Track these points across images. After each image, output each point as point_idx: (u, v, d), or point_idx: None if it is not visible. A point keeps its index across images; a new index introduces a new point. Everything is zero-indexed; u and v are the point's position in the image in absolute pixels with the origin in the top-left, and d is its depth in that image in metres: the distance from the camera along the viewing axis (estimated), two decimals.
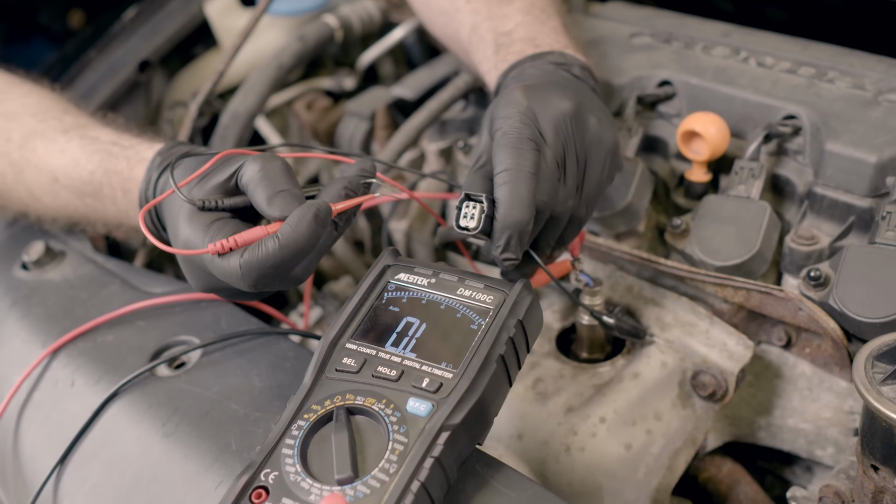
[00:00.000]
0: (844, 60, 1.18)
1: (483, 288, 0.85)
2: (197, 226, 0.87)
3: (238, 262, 0.83)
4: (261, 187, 0.86)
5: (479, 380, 0.78)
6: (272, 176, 0.86)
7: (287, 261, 0.83)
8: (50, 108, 1.13)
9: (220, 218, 0.88)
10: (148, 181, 0.98)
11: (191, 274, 0.92)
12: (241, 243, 0.83)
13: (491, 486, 0.78)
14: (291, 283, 0.88)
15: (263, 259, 0.82)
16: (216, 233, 0.86)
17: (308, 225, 0.82)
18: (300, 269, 0.86)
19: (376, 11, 1.63)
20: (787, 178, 1.11)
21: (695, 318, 1.06)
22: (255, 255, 0.82)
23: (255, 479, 0.75)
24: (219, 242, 0.83)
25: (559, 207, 0.91)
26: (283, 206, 0.84)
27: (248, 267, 0.83)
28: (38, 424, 0.99)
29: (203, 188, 0.89)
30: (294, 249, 0.82)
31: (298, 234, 0.82)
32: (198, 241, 0.86)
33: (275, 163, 0.88)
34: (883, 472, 0.83)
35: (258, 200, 0.86)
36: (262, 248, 0.82)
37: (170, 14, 1.54)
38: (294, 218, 0.82)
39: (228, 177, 0.89)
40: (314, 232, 0.82)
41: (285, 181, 0.86)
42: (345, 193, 0.87)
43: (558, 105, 0.92)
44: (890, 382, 0.79)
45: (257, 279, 0.84)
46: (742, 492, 1.08)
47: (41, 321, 1.08)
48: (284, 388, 0.92)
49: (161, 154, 0.99)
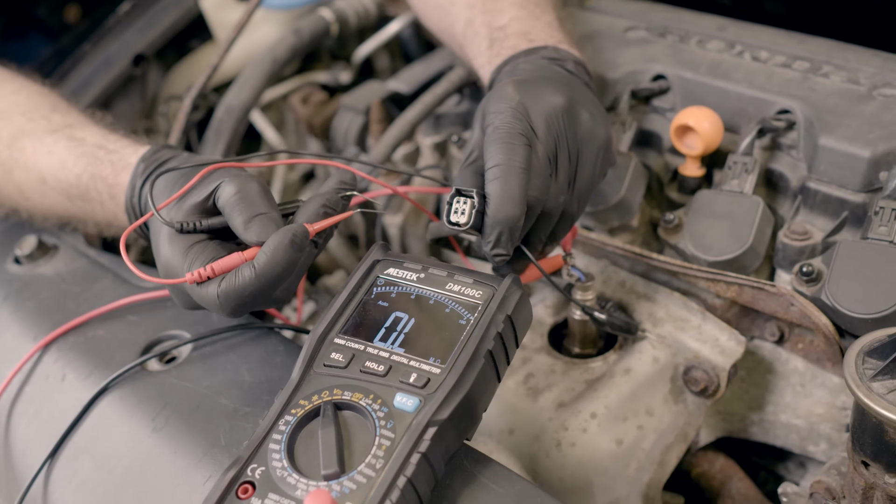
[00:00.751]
0: (839, 55, 1.18)
1: (472, 283, 0.85)
2: (176, 248, 0.87)
3: (216, 291, 0.83)
4: (237, 211, 0.86)
5: (467, 375, 0.78)
6: (248, 199, 0.86)
7: (264, 288, 0.83)
8: (39, 106, 1.13)
9: (199, 241, 0.88)
10: (133, 188, 0.98)
11: (174, 295, 0.92)
12: (218, 271, 0.84)
13: (479, 482, 0.78)
14: (273, 305, 0.89)
15: (240, 288, 0.83)
16: (195, 257, 0.86)
17: (284, 252, 0.82)
18: (281, 292, 0.86)
19: (372, 5, 1.63)
20: (781, 173, 1.11)
21: (687, 314, 1.06)
22: (231, 284, 0.83)
23: (242, 475, 0.75)
24: (196, 272, 0.84)
25: (551, 203, 0.91)
26: (259, 231, 0.85)
27: (226, 296, 0.83)
28: (28, 418, 0.99)
29: (181, 208, 0.89)
30: (271, 277, 0.82)
31: (275, 262, 0.82)
32: (177, 264, 0.87)
33: (251, 185, 0.87)
34: (873, 469, 0.83)
35: (235, 224, 0.86)
36: (239, 277, 0.83)
37: (165, 8, 1.54)
38: (270, 246, 0.82)
39: (206, 196, 0.89)
40: (290, 258, 0.82)
41: (262, 204, 0.86)
42: (323, 212, 0.87)
43: (550, 100, 0.92)
44: (881, 378, 0.79)
45: (236, 307, 0.84)
46: (734, 487, 1.08)
47: (33, 315, 1.08)
48: (274, 383, 0.91)
49: (144, 160, 0.99)
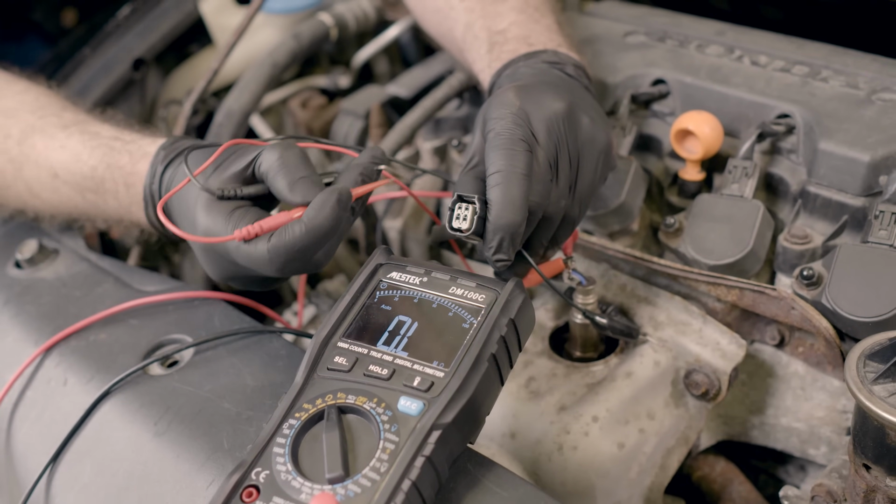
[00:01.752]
0: (838, 59, 1.18)
1: (475, 287, 0.86)
2: (217, 215, 0.88)
3: (265, 247, 0.85)
4: (281, 174, 0.88)
5: (471, 379, 0.78)
6: (291, 163, 0.88)
7: (312, 245, 0.85)
8: (48, 105, 1.14)
9: (239, 206, 0.89)
10: (153, 175, 0.99)
11: (211, 262, 0.93)
12: (266, 229, 0.86)
13: (482, 486, 0.78)
14: (313, 268, 0.90)
15: (290, 243, 0.84)
16: (239, 220, 0.87)
17: (331, 209, 0.84)
18: (322, 254, 0.88)
19: (371, 9, 1.63)
20: (781, 177, 1.11)
21: (688, 317, 1.06)
22: (282, 239, 0.84)
23: (246, 478, 0.75)
24: (245, 229, 0.85)
25: (552, 208, 0.91)
26: (304, 191, 0.87)
27: (276, 251, 0.85)
28: (30, 423, 0.99)
29: (219, 178, 0.91)
30: (319, 233, 0.84)
31: (323, 217, 0.84)
32: (220, 230, 0.88)
33: (292, 151, 0.90)
34: (875, 472, 0.83)
35: (279, 187, 0.88)
36: (289, 233, 0.84)
37: (164, 12, 1.54)
38: (318, 202, 0.84)
39: (245, 166, 0.91)
40: (337, 216, 0.84)
41: (304, 168, 0.89)
42: (361, 179, 0.89)
43: (551, 105, 0.92)
44: (882, 381, 0.79)
45: (284, 263, 0.86)
46: (735, 491, 1.08)
47: (34, 319, 1.07)
48: (277, 387, 0.91)
49: (165, 148, 1.00)
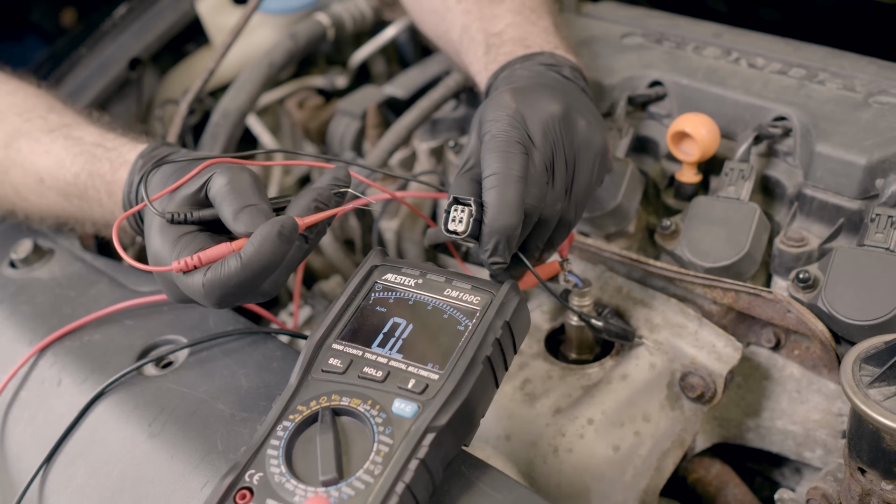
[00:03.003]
0: (835, 62, 1.18)
1: (470, 289, 0.85)
2: (166, 239, 0.86)
3: (201, 280, 0.82)
4: (227, 201, 0.85)
5: (465, 381, 0.78)
6: (239, 189, 0.85)
7: (250, 279, 0.82)
8: (35, 107, 1.13)
9: (188, 231, 0.87)
10: (130, 184, 0.97)
11: (163, 286, 0.91)
12: (205, 261, 0.83)
13: (477, 488, 0.78)
14: (260, 298, 0.87)
15: (226, 278, 0.82)
16: (183, 248, 0.85)
17: (272, 243, 0.81)
18: (268, 285, 0.85)
19: (368, 10, 1.63)
20: (777, 180, 1.11)
21: (684, 320, 1.06)
22: (217, 274, 0.82)
23: (240, 480, 0.75)
24: (183, 260, 0.83)
25: (548, 210, 0.91)
26: (248, 221, 0.83)
27: (211, 286, 0.82)
28: (24, 423, 0.98)
29: (173, 199, 0.89)
30: (257, 269, 0.81)
31: (262, 253, 0.81)
32: (166, 255, 0.86)
33: (243, 175, 0.87)
34: (870, 475, 0.83)
35: (224, 215, 0.85)
36: (225, 268, 0.82)
37: (161, 11, 1.54)
38: (258, 236, 0.81)
39: (198, 188, 0.88)
40: (278, 250, 0.81)
41: (252, 195, 0.85)
42: (314, 206, 0.85)
43: (547, 107, 0.92)
44: (877, 385, 0.79)
45: (221, 298, 0.83)
46: (730, 493, 1.08)
47: (28, 320, 1.07)
48: (271, 388, 0.91)
49: (143, 157, 0.98)
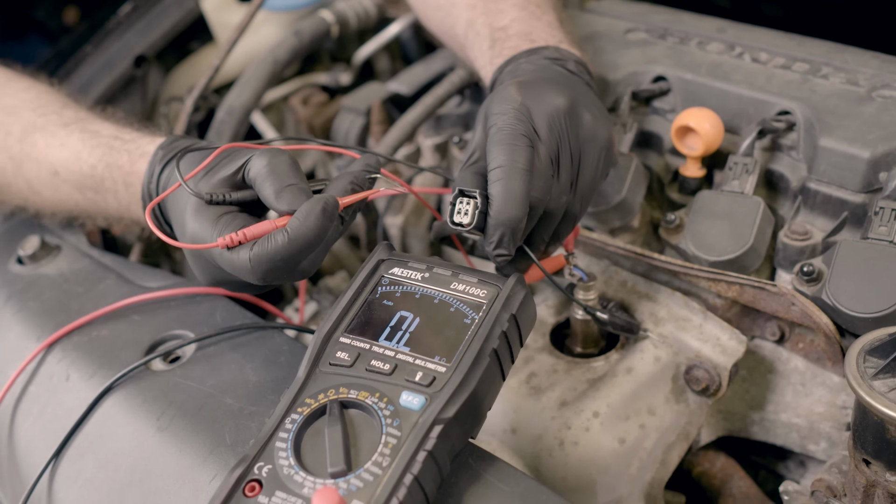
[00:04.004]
0: (838, 56, 1.19)
1: (476, 282, 0.86)
2: (205, 220, 0.88)
3: (248, 255, 0.84)
4: (268, 181, 0.87)
5: (472, 374, 0.78)
6: (279, 170, 0.87)
7: (296, 254, 0.84)
8: (49, 103, 1.14)
9: (227, 212, 0.89)
10: (151, 175, 0.98)
11: (199, 267, 0.93)
12: (250, 237, 0.85)
13: (484, 480, 0.78)
14: (298, 277, 0.89)
15: (273, 252, 0.83)
16: (225, 226, 0.86)
17: (316, 218, 0.83)
18: (308, 263, 0.87)
19: (372, 6, 1.63)
20: (781, 174, 1.11)
21: (688, 313, 1.06)
22: (264, 248, 0.83)
23: (249, 473, 0.75)
24: (228, 236, 0.84)
25: (553, 204, 0.91)
26: (291, 200, 0.85)
27: (258, 260, 0.84)
28: (33, 418, 0.99)
29: (209, 182, 0.90)
30: (303, 243, 0.83)
31: (307, 227, 0.83)
32: (206, 235, 0.87)
33: (282, 157, 0.88)
34: (874, 467, 0.83)
35: (266, 194, 0.87)
36: (272, 242, 0.83)
37: (166, 9, 1.54)
38: (303, 212, 0.83)
39: (235, 171, 0.90)
40: (322, 225, 0.83)
41: (293, 175, 0.87)
42: (351, 188, 0.88)
43: (552, 101, 0.92)
44: (882, 377, 0.79)
45: (266, 272, 0.85)
46: (735, 486, 1.08)
47: (36, 315, 1.08)
48: (279, 382, 0.92)
49: (163, 148, 1.00)
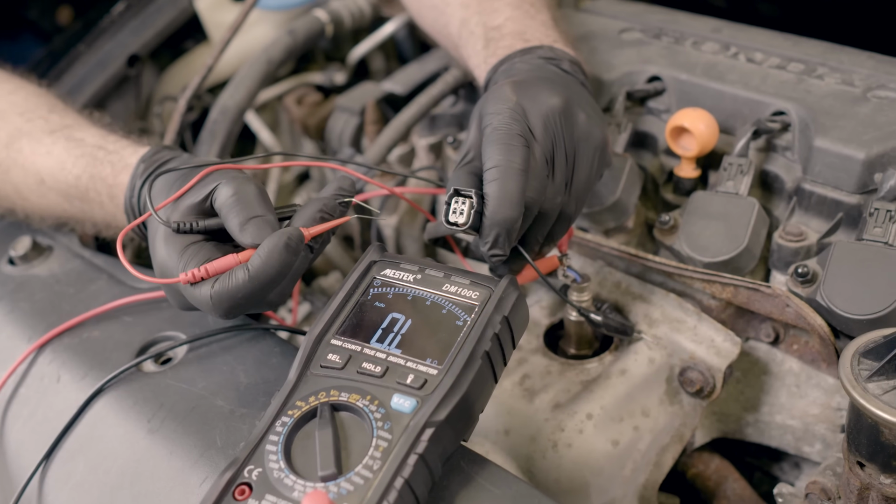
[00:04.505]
0: (834, 56, 1.18)
1: (469, 284, 0.85)
2: (172, 249, 0.87)
3: (209, 291, 0.83)
4: (233, 212, 0.86)
5: (464, 376, 0.78)
6: (245, 200, 0.86)
7: (258, 291, 0.83)
8: (37, 107, 1.13)
9: (195, 241, 0.88)
10: (132, 189, 0.98)
11: (169, 295, 0.92)
12: (212, 272, 0.84)
13: (476, 483, 0.78)
14: (267, 308, 0.88)
15: (234, 290, 0.82)
16: (190, 258, 0.86)
17: (279, 255, 0.82)
18: (275, 296, 0.86)
19: (367, 6, 1.63)
20: (776, 175, 1.11)
21: (683, 315, 1.06)
22: (225, 285, 0.83)
23: (239, 476, 0.75)
24: (190, 272, 0.84)
25: (548, 204, 0.91)
26: (255, 233, 0.84)
27: (219, 297, 0.83)
28: (23, 420, 0.98)
29: (178, 208, 0.89)
30: (264, 280, 0.82)
31: (269, 265, 0.81)
32: (172, 265, 0.87)
33: (248, 186, 0.87)
34: (869, 469, 0.83)
35: (231, 226, 0.86)
36: (233, 279, 0.82)
37: (159, 8, 1.53)
38: (265, 248, 0.82)
39: (203, 198, 0.89)
40: (285, 261, 0.82)
41: (259, 206, 0.86)
42: (320, 217, 0.87)
43: (547, 101, 0.92)
44: (876, 379, 0.79)
45: (228, 309, 0.84)
46: (730, 488, 1.08)
47: (27, 316, 1.07)
48: (270, 384, 0.91)
49: (144, 161, 0.99)
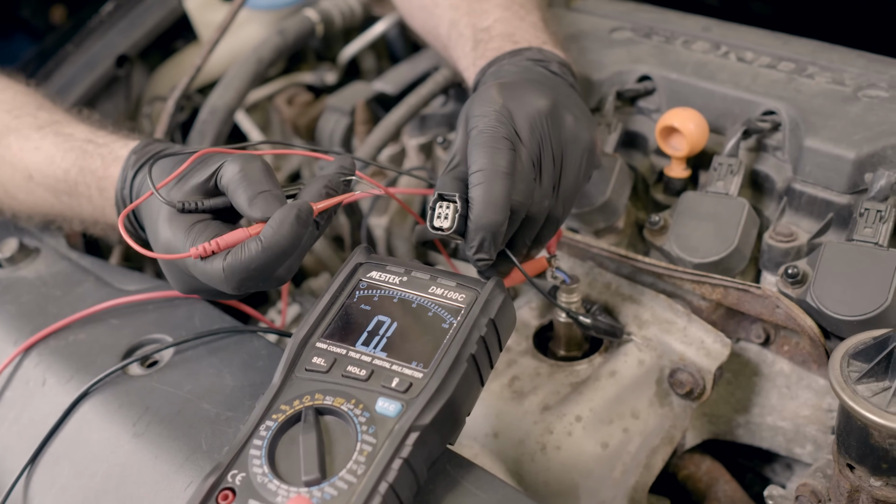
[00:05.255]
0: (824, 55, 1.18)
1: (455, 286, 0.85)
2: (178, 228, 0.86)
3: (221, 265, 0.83)
4: (241, 188, 0.85)
5: (450, 380, 0.77)
6: (252, 176, 0.86)
7: (270, 263, 0.82)
8: (25, 104, 1.12)
9: (200, 220, 0.87)
10: (124, 180, 0.97)
11: (172, 276, 0.91)
12: (223, 246, 0.83)
13: (462, 487, 0.77)
14: (275, 284, 0.87)
15: (247, 262, 0.82)
16: (198, 235, 0.85)
17: (290, 226, 0.81)
18: (283, 270, 0.85)
19: (357, 5, 1.62)
20: (766, 175, 1.10)
21: (672, 316, 1.05)
22: (238, 257, 0.82)
23: (222, 481, 0.74)
24: (201, 246, 0.83)
25: (535, 207, 0.90)
26: (264, 207, 0.84)
27: (232, 270, 0.82)
28: (8, 423, 0.98)
29: (182, 189, 0.89)
30: (277, 251, 0.82)
31: (281, 235, 0.81)
32: (179, 244, 0.86)
33: (255, 163, 0.87)
34: (858, 472, 0.83)
35: (239, 202, 0.85)
36: (246, 251, 0.82)
37: (148, 8, 1.52)
38: (276, 219, 0.82)
39: (208, 177, 0.89)
40: (296, 233, 0.82)
41: (266, 182, 0.86)
42: (325, 192, 0.86)
43: (534, 103, 0.91)
44: (865, 381, 0.79)
45: (241, 281, 0.83)
46: (721, 489, 1.07)
47: (13, 319, 1.06)
48: (257, 387, 0.91)
49: (136, 152, 0.98)
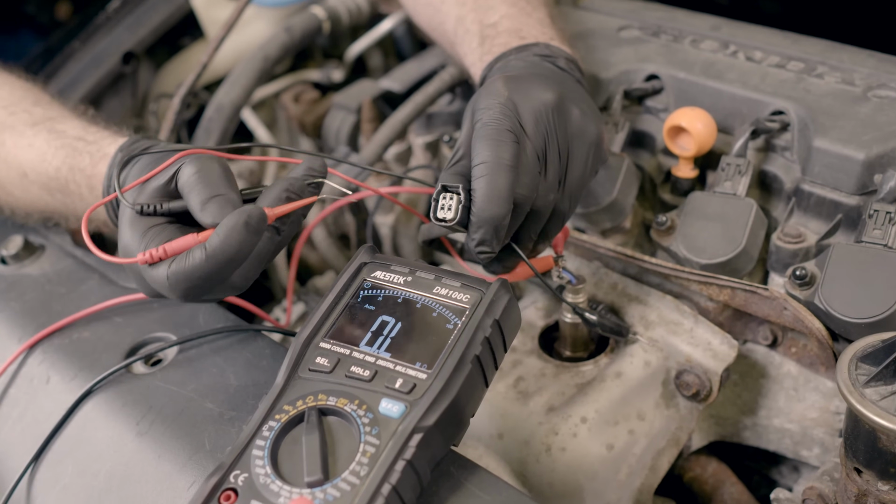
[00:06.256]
0: (834, 55, 1.17)
1: (460, 286, 0.84)
2: (135, 231, 0.84)
3: (165, 272, 0.80)
4: (195, 191, 0.83)
5: (454, 381, 0.76)
6: (208, 179, 0.83)
7: (217, 271, 0.80)
8: (21, 100, 1.12)
9: (157, 223, 0.85)
10: (109, 178, 0.96)
11: (134, 280, 0.89)
12: (170, 252, 0.81)
13: (465, 489, 0.77)
14: (231, 292, 0.85)
15: (190, 270, 0.79)
16: (151, 240, 0.83)
17: (238, 233, 0.78)
18: (238, 278, 0.83)
19: (364, 3, 1.61)
20: (775, 175, 1.09)
21: (679, 317, 1.05)
22: (182, 265, 0.80)
23: (225, 481, 0.74)
24: (148, 252, 0.81)
25: (540, 201, 0.90)
26: (215, 212, 0.81)
27: (176, 278, 0.80)
28: (12, 421, 0.98)
29: (145, 191, 0.87)
30: (222, 259, 0.79)
31: (227, 244, 0.78)
32: (133, 248, 0.84)
33: (212, 165, 0.84)
34: (866, 476, 0.82)
35: (192, 205, 0.83)
36: (190, 259, 0.80)
37: (155, 5, 1.52)
38: (224, 226, 0.79)
39: (169, 179, 0.86)
40: (244, 240, 0.79)
41: (222, 185, 0.83)
42: (286, 196, 0.83)
43: (540, 96, 0.91)
44: (874, 384, 0.78)
45: (186, 290, 0.81)
46: (727, 492, 1.07)
47: (18, 316, 1.06)
48: (260, 387, 0.90)
49: (122, 150, 0.97)
